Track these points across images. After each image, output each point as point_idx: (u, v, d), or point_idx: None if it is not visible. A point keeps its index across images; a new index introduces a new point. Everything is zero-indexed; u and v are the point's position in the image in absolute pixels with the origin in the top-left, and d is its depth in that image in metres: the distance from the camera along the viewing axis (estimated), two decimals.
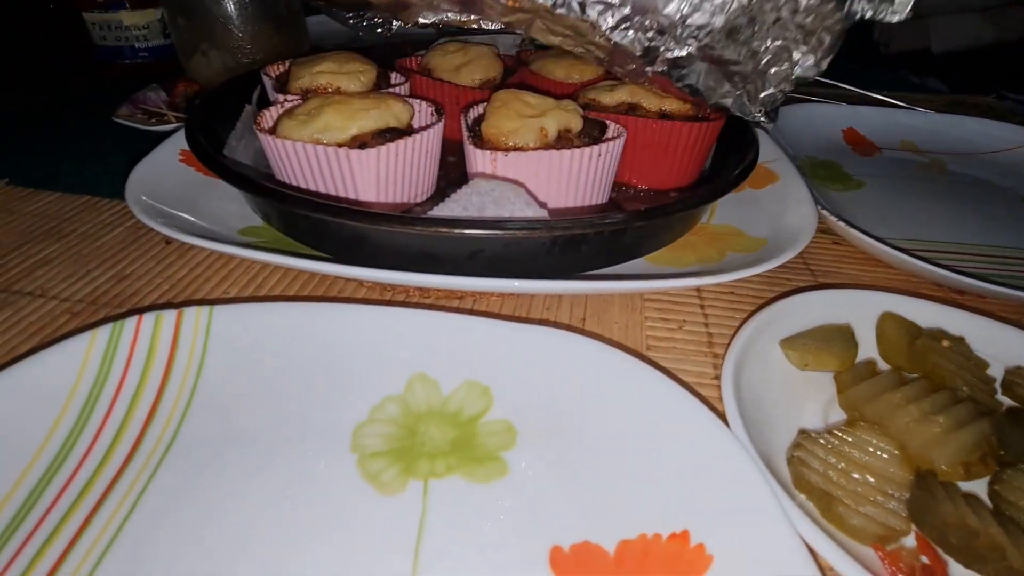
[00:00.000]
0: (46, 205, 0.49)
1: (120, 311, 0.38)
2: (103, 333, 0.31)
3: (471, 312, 0.36)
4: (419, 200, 0.42)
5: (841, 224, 0.43)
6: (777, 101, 0.39)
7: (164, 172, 0.44)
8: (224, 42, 0.70)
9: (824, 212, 0.43)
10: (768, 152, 0.48)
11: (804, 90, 0.83)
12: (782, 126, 0.65)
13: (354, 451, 0.29)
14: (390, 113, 0.38)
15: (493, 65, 0.51)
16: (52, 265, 0.42)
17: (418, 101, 0.43)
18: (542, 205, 0.34)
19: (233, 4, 0.69)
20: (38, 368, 0.29)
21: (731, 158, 0.44)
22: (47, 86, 0.75)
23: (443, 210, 0.32)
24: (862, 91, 0.81)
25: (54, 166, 0.56)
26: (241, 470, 0.28)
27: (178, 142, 0.47)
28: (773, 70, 0.38)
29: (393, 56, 0.60)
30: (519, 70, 0.53)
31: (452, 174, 0.46)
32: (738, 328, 0.33)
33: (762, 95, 0.38)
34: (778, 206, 0.42)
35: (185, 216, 0.40)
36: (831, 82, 0.83)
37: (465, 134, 0.39)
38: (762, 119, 0.40)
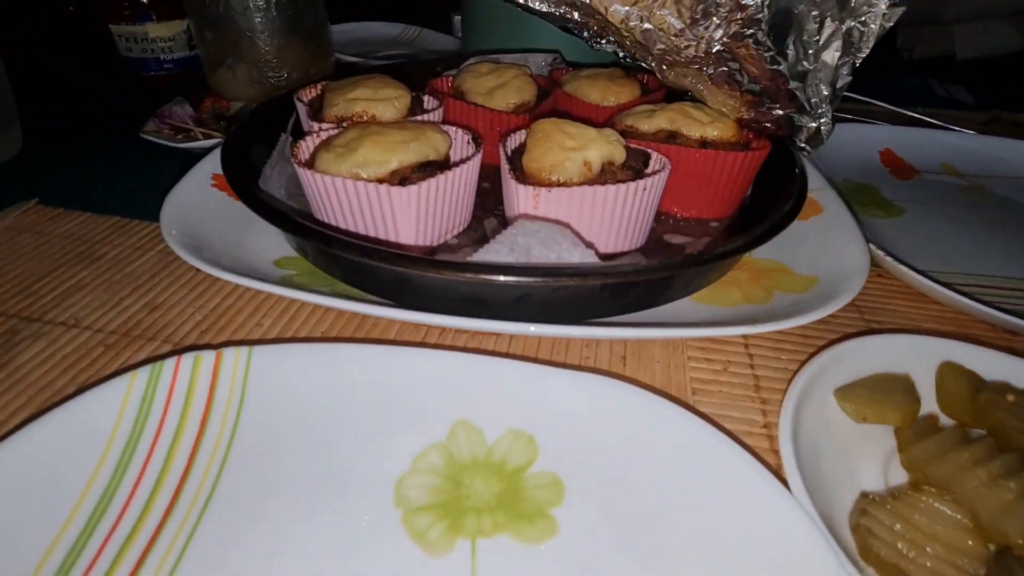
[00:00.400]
0: (77, 226, 0.49)
1: (153, 343, 0.38)
2: (142, 375, 0.31)
3: (508, 353, 0.35)
4: (456, 232, 0.41)
5: (889, 260, 0.42)
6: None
7: (197, 199, 0.43)
8: (250, 55, 0.70)
9: (872, 247, 0.42)
10: (811, 179, 0.47)
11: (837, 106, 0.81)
12: (821, 147, 0.64)
13: (398, 505, 0.28)
14: (429, 145, 0.37)
15: (527, 88, 0.50)
16: (85, 292, 0.42)
17: (455, 129, 0.42)
18: (588, 244, 0.33)
19: (260, 17, 0.68)
20: (78, 413, 0.29)
21: (776, 189, 0.43)
22: (74, 97, 0.75)
23: (489, 252, 0.31)
24: (894, 107, 0.79)
25: (83, 184, 0.56)
26: (284, 523, 0.27)
27: (209, 166, 0.46)
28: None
29: (423, 75, 0.59)
30: (553, 91, 0.52)
31: (488, 201, 0.45)
32: (791, 379, 0.32)
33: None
34: (825, 241, 0.41)
35: (220, 246, 0.39)
36: (862, 98, 0.81)
37: (505, 167, 0.38)
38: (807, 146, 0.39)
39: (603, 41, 0.48)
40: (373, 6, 1.06)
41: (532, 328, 0.30)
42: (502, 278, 0.28)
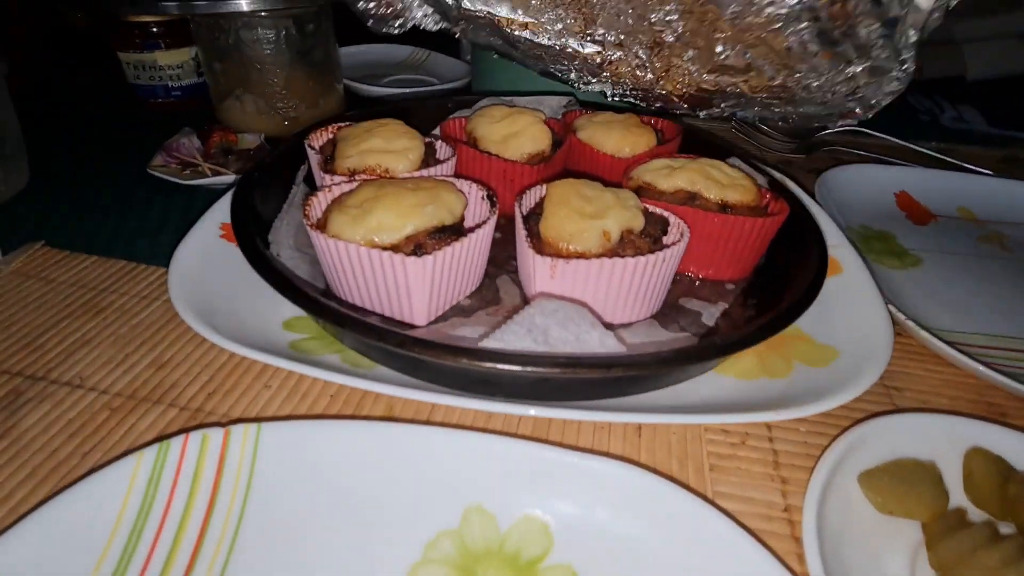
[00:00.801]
0: (83, 272, 0.48)
1: (159, 407, 0.37)
2: (148, 456, 0.30)
3: (518, 432, 0.34)
4: (468, 292, 0.40)
5: (911, 324, 0.41)
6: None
7: (205, 252, 0.42)
8: (258, 87, 0.69)
9: (893, 309, 0.41)
10: (829, 234, 0.46)
11: (845, 140, 0.80)
12: (832, 190, 0.63)
13: None
14: (445, 208, 0.37)
15: (541, 137, 0.49)
16: (91, 347, 0.41)
17: (469, 185, 0.41)
18: (606, 325, 0.33)
19: (269, 49, 0.68)
20: (82, 499, 0.28)
21: (794, 250, 0.42)
22: (81, 126, 0.74)
23: (506, 333, 0.31)
24: (908, 144, 0.78)
25: (90, 222, 0.55)
26: None
27: (218, 215, 0.45)
28: None
29: (436, 113, 0.59)
30: (567, 139, 0.51)
31: (500, 255, 0.45)
32: (815, 464, 0.31)
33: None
34: (846, 307, 0.40)
35: (228, 306, 0.39)
36: (874, 133, 0.81)
37: (521, 232, 0.37)
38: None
39: (593, 80, 0.47)
40: None
41: (547, 412, 0.30)
42: (522, 368, 0.27)
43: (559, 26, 0.43)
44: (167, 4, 0.58)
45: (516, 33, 0.44)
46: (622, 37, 0.42)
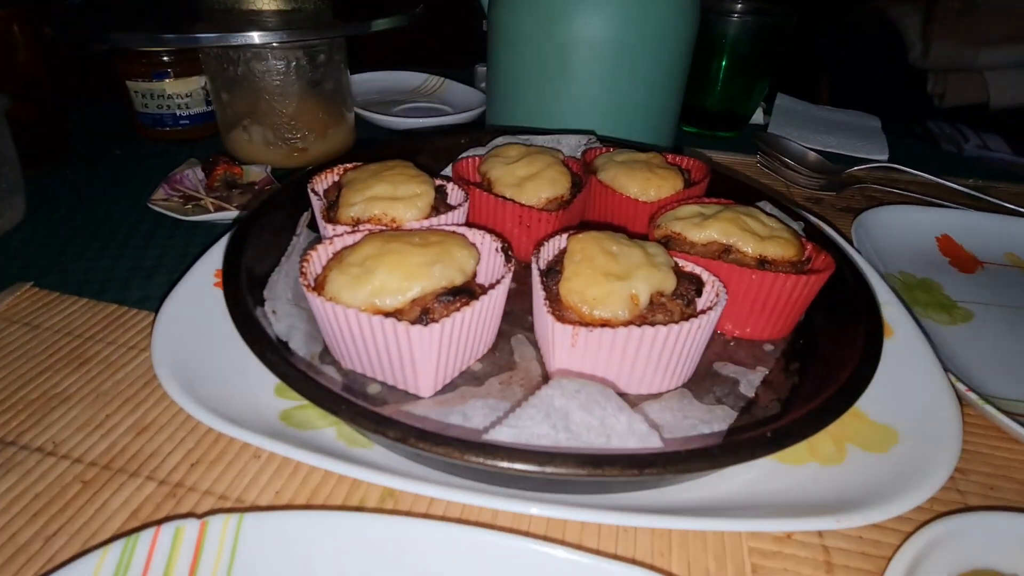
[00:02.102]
0: (70, 317, 0.46)
1: (136, 480, 0.33)
2: (112, 553, 0.26)
3: (530, 531, 0.30)
4: (479, 355, 0.37)
5: (972, 397, 0.36)
6: None
7: (196, 304, 0.39)
8: (267, 118, 0.67)
9: (952, 378, 0.37)
10: (877, 290, 0.42)
11: (876, 176, 0.76)
12: (871, 234, 0.59)
13: None
14: (455, 267, 0.33)
15: (560, 180, 0.46)
16: (69, 405, 0.38)
17: (482, 236, 0.38)
18: (634, 397, 0.28)
19: (279, 80, 0.66)
20: None
21: (839, 308, 0.38)
22: (84, 154, 0.72)
23: (522, 418, 0.27)
24: (941, 180, 0.73)
25: (84, 262, 0.52)
26: None
27: (212, 261, 0.42)
28: None
29: (448, 148, 0.56)
30: (587, 181, 0.48)
31: (514, 310, 0.41)
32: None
33: None
34: (901, 375, 0.36)
35: (216, 370, 0.35)
36: (908, 170, 0.76)
37: (540, 293, 0.33)
38: None
39: None
40: (395, 55, 1.04)
41: (565, 513, 0.26)
42: (542, 468, 0.24)
43: None
44: (170, 37, 0.56)
45: None
46: None
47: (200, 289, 0.40)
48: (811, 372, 0.36)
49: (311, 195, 0.42)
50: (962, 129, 1.57)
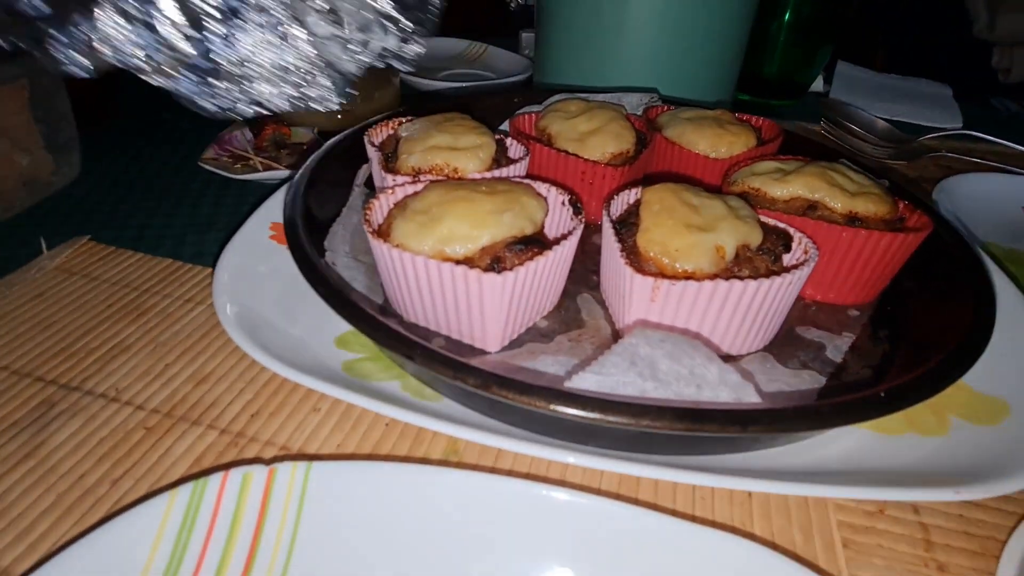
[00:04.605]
0: (127, 270, 0.45)
1: (198, 428, 0.33)
2: (182, 496, 0.26)
3: (600, 488, 0.29)
4: (545, 312, 0.35)
5: None
6: None
7: (253, 256, 0.38)
8: None
9: None
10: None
11: (951, 145, 0.71)
12: (954, 201, 0.55)
13: None
14: (524, 216, 0.31)
15: (625, 135, 0.43)
16: (129, 354, 0.38)
17: (547, 188, 0.36)
18: (719, 353, 0.26)
19: None
20: (108, 543, 0.24)
21: (932, 276, 0.35)
22: (136, 115, 0.73)
23: (606, 366, 0.25)
24: (1020, 147, 0.68)
25: (139, 218, 0.52)
26: None
27: (267, 214, 0.41)
28: None
29: (501, 108, 0.53)
30: (652, 137, 0.45)
31: (576, 269, 0.39)
32: (1002, 552, 0.24)
33: None
34: (1006, 346, 0.33)
35: (277, 320, 0.34)
36: (983, 136, 0.71)
37: (614, 245, 0.31)
38: None
39: None
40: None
41: (644, 471, 0.24)
42: (636, 420, 0.22)
43: None
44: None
45: None
46: None
47: (256, 240, 0.40)
48: (909, 338, 0.34)
49: (368, 147, 0.41)
50: None
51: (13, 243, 0.48)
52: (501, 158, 0.40)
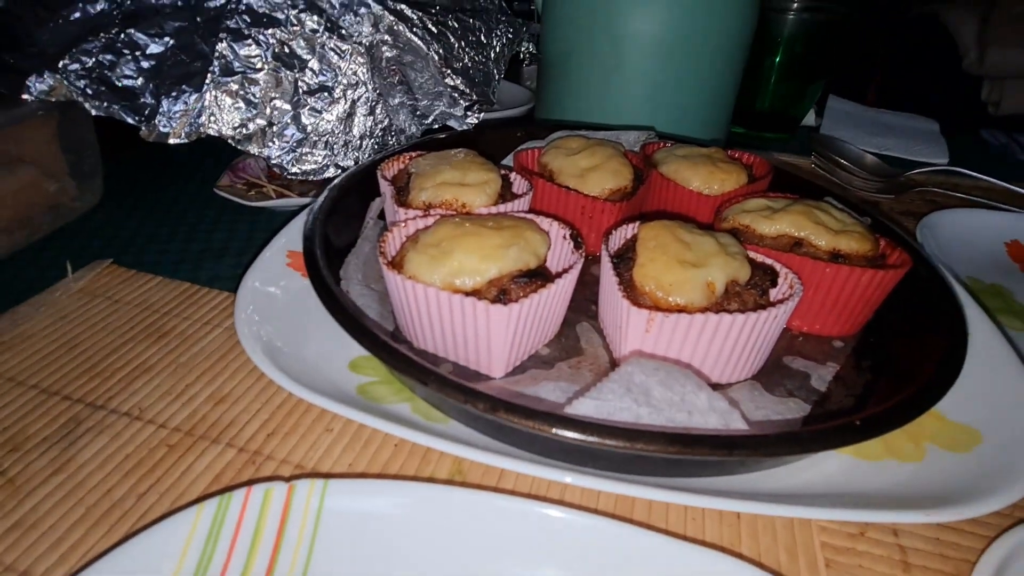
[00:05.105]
0: (147, 293, 0.48)
1: (217, 447, 0.35)
2: (208, 509, 0.27)
3: (598, 508, 0.31)
4: (546, 340, 0.37)
5: None
6: None
7: (271, 282, 0.41)
8: None
9: None
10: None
11: (937, 180, 0.74)
12: (936, 237, 0.57)
13: None
14: (529, 251, 0.34)
15: (623, 171, 0.46)
16: (151, 375, 0.40)
17: (550, 223, 0.38)
18: (709, 381, 0.29)
19: None
20: (138, 555, 0.26)
21: (912, 309, 0.37)
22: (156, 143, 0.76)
23: (603, 392, 0.27)
24: (1007, 185, 0.71)
25: (158, 243, 0.55)
26: None
27: (284, 242, 0.44)
28: None
29: (504, 142, 0.56)
30: (648, 174, 0.48)
31: (576, 298, 0.41)
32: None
33: None
34: (979, 376, 0.35)
35: (293, 343, 0.36)
36: (968, 172, 0.74)
37: (612, 279, 0.34)
38: None
39: None
40: None
41: (640, 492, 0.26)
42: (642, 446, 0.24)
43: None
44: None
45: None
46: None
47: (274, 267, 0.42)
48: (889, 368, 0.36)
49: (381, 180, 0.43)
50: (1018, 138, 1.50)
51: (40, 265, 0.50)
52: (506, 193, 0.43)
